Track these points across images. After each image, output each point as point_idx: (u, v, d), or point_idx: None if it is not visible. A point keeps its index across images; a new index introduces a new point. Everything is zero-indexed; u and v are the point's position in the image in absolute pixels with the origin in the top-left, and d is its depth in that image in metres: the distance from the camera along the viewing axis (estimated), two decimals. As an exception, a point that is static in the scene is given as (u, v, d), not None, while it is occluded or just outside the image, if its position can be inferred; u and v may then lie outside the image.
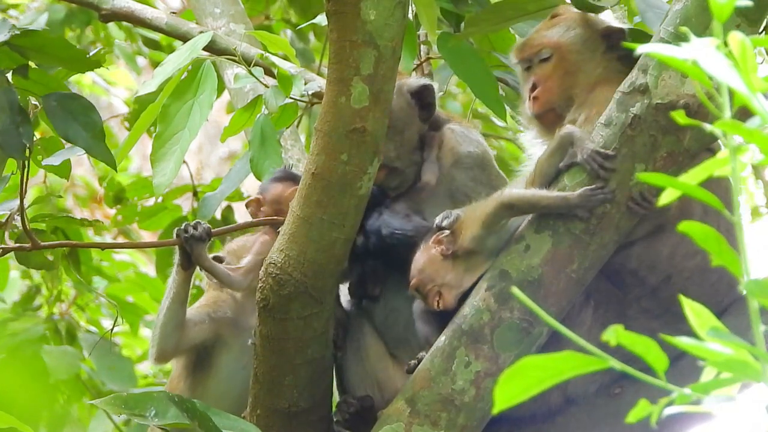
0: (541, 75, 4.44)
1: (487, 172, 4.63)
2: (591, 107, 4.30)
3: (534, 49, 4.48)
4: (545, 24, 4.55)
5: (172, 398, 4.20)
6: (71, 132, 4.46)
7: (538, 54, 4.46)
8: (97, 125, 4.48)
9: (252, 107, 5.05)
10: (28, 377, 6.55)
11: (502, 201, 4.17)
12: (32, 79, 4.50)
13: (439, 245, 4.26)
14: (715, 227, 2.19)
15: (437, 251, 4.25)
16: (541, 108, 4.42)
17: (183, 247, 4.51)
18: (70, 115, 4.47)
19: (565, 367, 2.13)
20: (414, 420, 4.19)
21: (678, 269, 4.29)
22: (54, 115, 4.47)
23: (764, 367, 2.14)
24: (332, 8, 4.08)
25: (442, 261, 4.25)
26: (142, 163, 11.09)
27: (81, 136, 4.48)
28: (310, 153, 4.20)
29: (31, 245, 4.68)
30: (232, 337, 4.71)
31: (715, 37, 2.14)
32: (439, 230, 4.27)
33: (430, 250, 4.27)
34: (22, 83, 4.46)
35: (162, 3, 9.83)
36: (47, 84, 4.53)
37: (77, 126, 4.48)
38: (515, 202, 4.15)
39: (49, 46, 4.46)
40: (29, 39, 4.43)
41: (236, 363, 4.69)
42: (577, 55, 4.42)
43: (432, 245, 4.27)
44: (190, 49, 4.85)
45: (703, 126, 2.21)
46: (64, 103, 4.48)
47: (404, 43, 4.22)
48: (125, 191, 7.43)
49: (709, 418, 4.33)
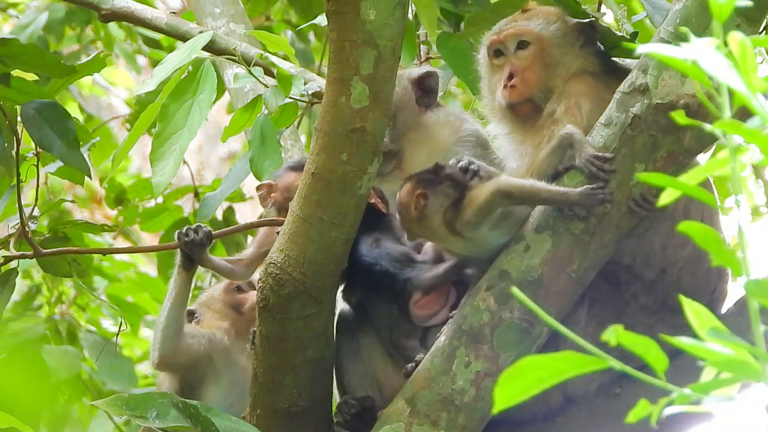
0: (519, 64, 4.38)
1: (489, 151, 4.65)
2: (569, 98, 4.28)
3: (512, 36, 4.40)
4: (520, 15, 4.47)
5: (174, 400, 4.20)
6: (45, 140, 4.51)
7: (516, 41, 4.39)
8: (71, 133, 4.50)
9: (252, 107, 5.05)
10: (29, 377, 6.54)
11: (499, 188, 4.10)
12: (15, 88, 4.53)
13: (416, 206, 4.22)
14: (699, 217, 2.20)
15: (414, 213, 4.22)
16: (519, 97, 4.36)
17: (183, 250, 4.54)
18: (46, 123, 4.50)
19: (565, 367, 2.14)
20: (414, 420, 4.19)
21: (671, 260, 4.29)
22: (30, 123, 4.51)
23: (764, 367, 2.14)
24: (332, 8, 4.08)
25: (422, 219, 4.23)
26: (142, 163, 11.10)
27: (55, 144, 4.51)
28: (310, 153, 4.20)
29: (33, 253, 4.68)
30: (223, 368, 4.74)
31: (715, 37, 2.14)
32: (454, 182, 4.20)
33: (411, 204, 4.22)
34: (4, 92, 4.49)
35: (162, 3, 9.84)
36: (30, 92, 4.55)
37: (52, 134, 4.50)
38: (513, 191, 4.08)
39: (23, 53, 4.48)
40: (5, 48, 4.45)
41: (223, 400, 4.71)
42: (557, 48, 4.39)
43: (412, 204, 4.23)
44: (189, 48, 4.85)
45: (703, 126, 2.21)
46: (41, 111, 4.51)
47: (404, 43, 4.22)
48: (126, 192, 7.43)
49: (709, 418, 4.33)
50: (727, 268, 3.95)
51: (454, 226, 4.16)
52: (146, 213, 7.25)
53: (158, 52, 8.20)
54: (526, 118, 4.35)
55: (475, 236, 4.17)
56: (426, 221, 4.21)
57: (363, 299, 4.49)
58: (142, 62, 9.36)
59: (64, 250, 4.92)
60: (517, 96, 4.36)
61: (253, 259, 4.67)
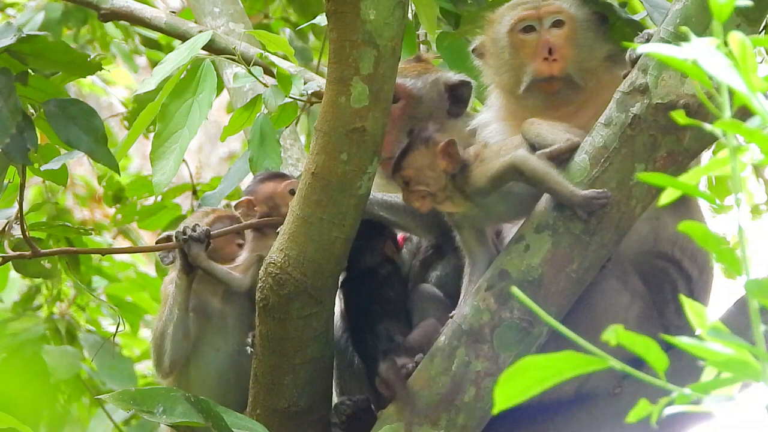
0: (556, 40, 4.35)
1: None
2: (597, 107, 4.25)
3: (550, 13, 4.37)
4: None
5: (182, 395, 4.18)
6: (73, 137, 4.46)
7: (552, 19, 4.37)
8: (99, 129, 4.47)
9: (251, 107, 5.05)
10: (28, 377, 6.55)
11: (515, 162, 4.07)
12: (31, 85, 4.50)
13: (448, 159, 4.18)
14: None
15: (443, 163, 4.18)
16: (560, 72, 4.31)
17: (183, 251, 4.50)
18: (71, 120, 4.47)
19: (565, 367, 2.13)
20: (414, 420, 4.19)
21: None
22: (55, 120, 4.46)
23: (764, 367, 2.14)
24: (332, 8, 4.08)
25: (442, 173, 4.19)
26: (141, 162, 11.09)
27: (83, 140, 4.47)
28: (310, 152, 4.20)
29: (30, 253, 4.65)
30: (202, 318, 4.66)
31: (715, 37, 2.14)
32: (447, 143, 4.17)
33: (437, 156, 4.18)
34: (21, 90, 4.46)
35: (161, 2, 9.83)
36: (46, 90, 4.52)
37: (78, 131, 4.47)
38: (526, 169, 4.06)
39: (49, 50, 4.45)
40: (30, 44, 4.42)
41: (211, 345, 4.66)
42: (588, 32, 4.39)
43: (441, 153, 4.18)
44: (189, 48, 4.85)
45: (703, 126, 2.21)
46: (65, 108, 4.47)
47: (404, 42, 4.22)
48: (124, 190, 7.42)
49: (709, 418, 4.33)
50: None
51: (465, 189, 4.15)
52: (144, 211, 7.24)
53: (156, 52, 8.19)
54: (554, 96, 4.32)
55: (485, 203, 4.17)
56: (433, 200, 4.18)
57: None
58: (142, 62, 9.35)
59: (63, 250, 4.92)
60: (558, 70, 4.31)
61: (249, 264, 4.59)
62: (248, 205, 4.70)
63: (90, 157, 4.52)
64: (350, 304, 4.51)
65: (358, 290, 4.51)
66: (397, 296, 4.51)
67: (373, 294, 4.48)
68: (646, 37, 4.24)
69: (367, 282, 4.49)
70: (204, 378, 4.64)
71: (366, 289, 4.49)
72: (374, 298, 4.47)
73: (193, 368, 4.64)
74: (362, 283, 4.50)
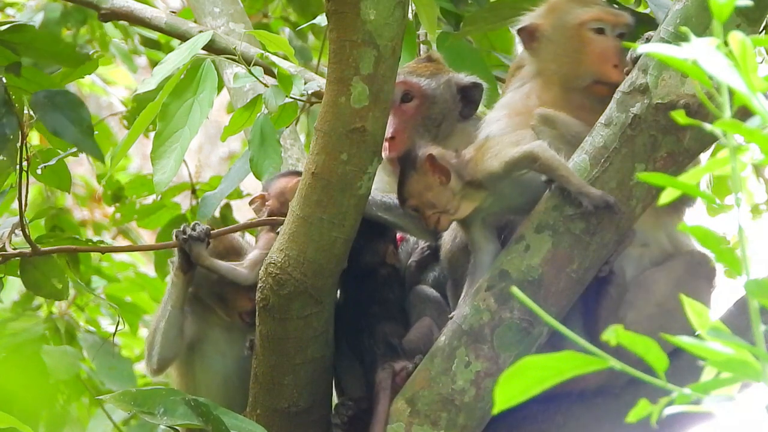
0: (622, 52, 4.35)
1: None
2: None
3: (624, 24, 4.42)
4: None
5: (182, 397, 4.18)
6: (59, 126, 4.45)
7: (621, 30, 4.42)
8: (86, 120, 4.47)
9: (252, 106, 5.04)
10: (28, 377, 6.55)
11: (532, 151, 4.09)
12: (25, 77, 4.49)
13: (438, 172, 4.19)
14: None
15: (436, 179, 4.20)
16: (620, 82, 4.27)
17: (182, 249, 4.49)
18: (58, 110, 4.46)
19: (565, 367, 2.13)
20: (414, 420, 4.19)
21: None
22: (42, 110, 4.45)
23: (764, 367, 2.14)
24: (332, 8, 4.08)
25: (440, 186, 4.21)
26: (141, 162, 11.09)
27: (69, 130, 4.47)
28: (310, 152, 4.20)
29: (31, 251, 4.65)
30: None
31: (715, 37, 2.14)
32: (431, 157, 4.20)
33: (427, 175, 4.21)
34: (14, 81, 4.44)
35: (161, 2, 9.83)
36: (40, 83, 4.52)
37: (65, 121, 4.47)
38: (542, 159, 4.08)
39: (39, 40, 4.45)
40: (20, 34, 4.41)
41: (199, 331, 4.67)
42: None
43: (430, 170, 4.20)
44: (189, 48, 4.85)
45: (703, 126, 2.21)
46: (52, 98, 4.47)
47: (404, 42, 4.22)
48: (124, 190, 7.42)
49: (709, 418, 4.33)
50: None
51: (477, 178, 4.15)
52: (143, 210, 7.24)
53: (155, 52, 8.19)
54: (600, 101, 4.29)
55: (499, 188, 4.17)
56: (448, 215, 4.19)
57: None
58: (142, 62, 9.34)
59: (63, 249, 4.90)
60: (621, 80, 4.26)
61: (257, 261, 4.53)
62: (261, 200, 4.72)
63: (76, 147, 4.52)
64: (349, 303, 4.51)
65: (357, 290, 4.51)
66: (396, 298, 4.51)
67: (373, 294, 4.48)
68: (646, 37, 4.24)
69: (367, 282, 4.49)
70: (210, 382, 4.65)
71: (365, 289, 4.49)
72: (374, 298, 4.47)
73: (200, 372, 4.65)
74: (362, 283, 4.50)
